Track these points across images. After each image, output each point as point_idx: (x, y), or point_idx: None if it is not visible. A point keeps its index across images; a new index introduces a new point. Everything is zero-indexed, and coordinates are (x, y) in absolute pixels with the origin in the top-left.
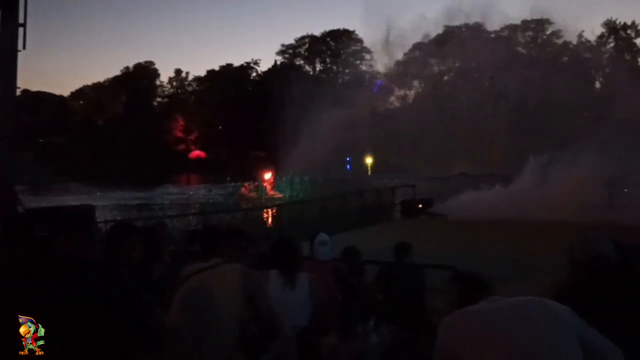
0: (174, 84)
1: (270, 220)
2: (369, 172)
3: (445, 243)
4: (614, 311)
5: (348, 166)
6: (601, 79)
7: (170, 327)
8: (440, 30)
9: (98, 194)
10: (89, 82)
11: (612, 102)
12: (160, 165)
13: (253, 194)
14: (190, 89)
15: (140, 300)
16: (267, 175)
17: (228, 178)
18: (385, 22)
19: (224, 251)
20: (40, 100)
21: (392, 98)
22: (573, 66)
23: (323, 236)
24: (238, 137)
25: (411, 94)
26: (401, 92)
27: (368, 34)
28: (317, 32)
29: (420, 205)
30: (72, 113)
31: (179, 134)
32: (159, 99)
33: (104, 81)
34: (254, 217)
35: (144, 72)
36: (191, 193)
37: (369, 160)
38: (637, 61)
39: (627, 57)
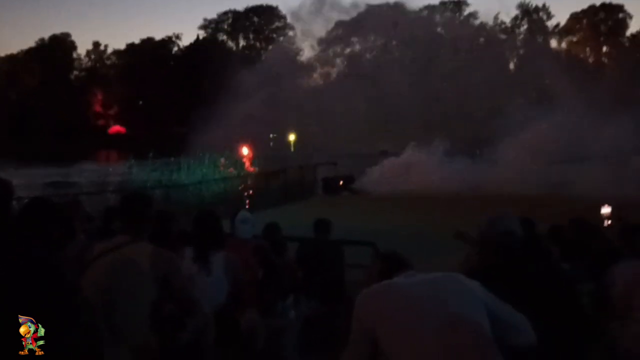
0: (92, 57)
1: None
2: (292, 149)
3: (365, 219)
4: (521, 284)
5: (271, 143)
6: (515, 60)
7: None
8: (362, 9)
9: (12, 170)
10: (1, 54)
11: (525, 82)
12: (78, 141)
13: (231, 169)
14: (109, 62)
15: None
16: (245, 150)
17: (150, 154)
18: None
19: (137, 228)
20: None
21: (315, 75)
22: (490, 47)
23: (244, 214)
24: (160, 113)
25: (334, 71)
26: (324, 70)
27: (291, 10)
28: (240, 7)
29: (341, 183)
30: None
31: (98, 109)
32: (76, 73)
33: (18, 53)
34: (177, 194)
35: (60, 44)
36: (110, 170)
37: (291, 138)
38: (549, 43)
39: (539, 39)
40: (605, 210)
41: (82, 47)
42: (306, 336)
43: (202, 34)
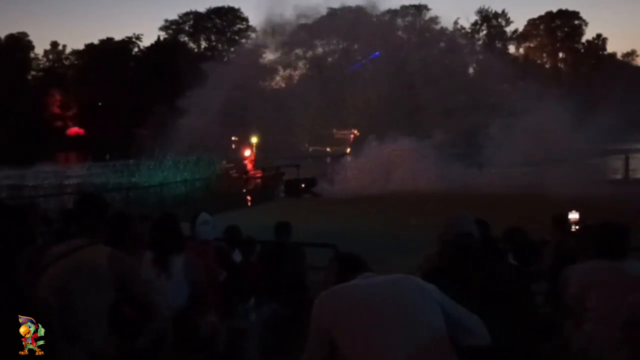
0: (50, 57)
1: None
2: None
3: (327, 221)
4: (477, 284)
5: (232, 145)
6: (474, 65)
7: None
8: (324, 12)
9: None
10: None
11: (484, 87)
12: (35, 142)
13: (233, 172)
14: (67, 62)
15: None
16: (247, 152)
17: (107, 156)
18: (270, 1)
19: (93, 231)
20: None
21: (278, 78)
22: (449, 51)
23: (205, 216)
24: (120, 114)
25: (296, 74)
26: (286, 73)
27: (253, 12)
28: (202, 9)
29: (303, 185)
30: None
31: (56, 110)
32: (33, 73)
33: None
34: (137, 196)
35: (17, 44)
36: (67, 172)
37: (254, 140)
38: (507, 48)
39: (498, 44)
40: (573, 215)
41: (40, 47)
42: (267, 338)
43: (163, 35)
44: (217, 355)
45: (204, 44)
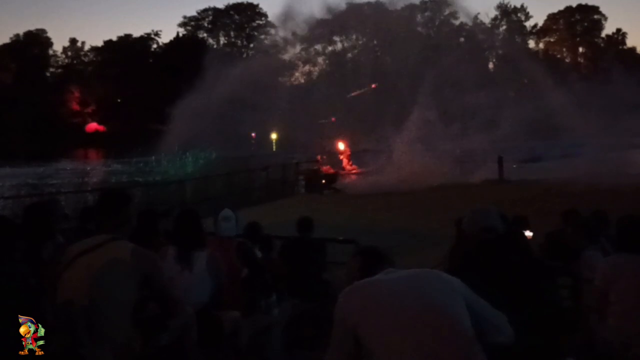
0: (69, 54)
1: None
2: (274, 148)
3: (347, 217)
4: (501, 279)
5: (253, 142)
6: (494, 60)
7: (58, 308)
8: (343, 7)
9: None
10: None
11: (503, 82)
12: (54, 139)
13: (328, 168)
14: (86, 59)
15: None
16: (342, 146)
17: (131, 152)
18: None
19: (116, 227)
20: None
21: (297, 74)
22: (469, 46)
23: (227, 212)
24: (138, 111)
25: (315, 70)
26: (305, 69)
27: (272, 8)
28: (221, 5)
29: (324, 181)
30: None
31: (75, 107)
32: (52, 70)
33: None
34: (157, 194)
35: (36, 41)
36: (88, 168)
37: (273, 136)
38: (527, 43)
39: (518, 39)
40: None
41: (59, 43)
42: (290, 334)
43: (181, 31)
44: (240, 351)
45: (222, 40)
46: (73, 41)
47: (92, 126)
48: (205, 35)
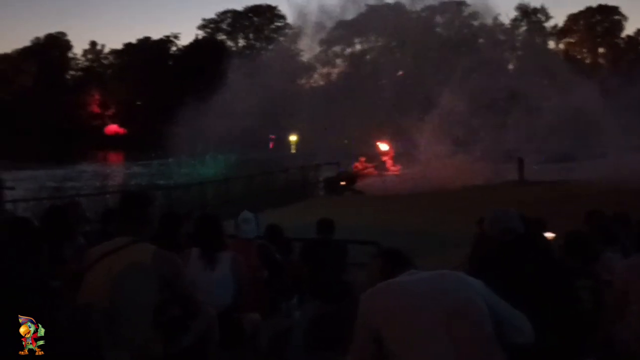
0: (89, 56)
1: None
2: (293, 150)
3: (368, 218)
4: (520, 280)
5: (270, 144)
6: (515, 61)
7: (80, 309)
8: (362, 9)
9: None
10: None
11: (524, 83)
12: (74, 141)
13: (371, 170)
14: (106, 62)
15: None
16: (384, 147)
17: (153, 154)
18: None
19: (137, 229)
20: None
21: (316, 76)
22: (489, 47)
23: (246, 214)
24: (158, 113)
25: (335, 72)
26: (325, 70)
27: (291, 10)
28: (240, 7)
29: (343, 183)
30: None
31: (95, 110)
32: (72, 72)
33: (12, 52)
34: (178, 196)
35: (56, 43)
36: (108, 171)
37: (292, 138)
38: (547, 43)
39: (538, 39)
40: None
41: (79, 46)
42: (311, 336)
43: (200, 34)
44: (261, 353)
45: (242, 42)
46: (93, 44)
47: (112, 128)
48: (224, 37)
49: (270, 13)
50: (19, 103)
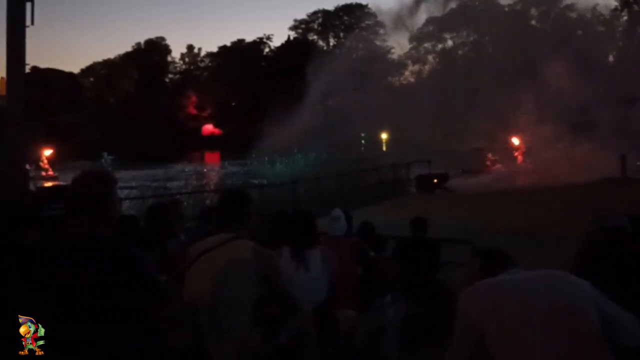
0: (186, 60)
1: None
2: (384, 148)
3: (460, 217)
4: (631, 281)
5: (362, 142)
6: (614, 52)
7: (184, 306)
8: (454, 5)
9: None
10: (99, 59)
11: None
12: (173, 142)
13: (500, 166)
14: (202, 65)
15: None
16: (516, 141)
17: (253, 154)
18: None
19: (237, 226)
20: (50, 77)
21: (407, 73)
22: (587, 39)
23: (337, 212)
24: (252, 113)
25: (425, 69)
26: (415, 67)
27: (381, 8)
28: (330, 7)
29: (435, 180)
30: (83, 90)
31: (192, 111)
32: (170, 76)
33: (115, 57)
34: (270, 193)
35: (155, 48)
36: (205, 170)
37: (383, 136)
38: None
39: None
40: None
41: (177, 50)
42: (405, 334)
43: (292, 34)
44: (356, 350)
45: (332, 42)
46: (190, 48)
47: (208, 129)
48: (315, 37)
49: (360, 11)
50: (122, 106)
